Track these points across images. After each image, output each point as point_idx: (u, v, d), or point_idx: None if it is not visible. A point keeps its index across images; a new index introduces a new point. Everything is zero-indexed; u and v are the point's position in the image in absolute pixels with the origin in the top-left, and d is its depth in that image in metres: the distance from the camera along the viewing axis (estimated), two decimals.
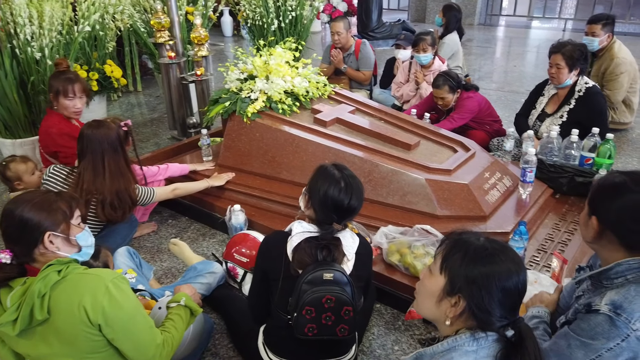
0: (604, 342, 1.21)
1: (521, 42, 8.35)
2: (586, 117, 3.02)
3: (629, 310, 1.20)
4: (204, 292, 2.16)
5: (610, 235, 1.29)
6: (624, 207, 1.24)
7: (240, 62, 3.15)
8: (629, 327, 1.19)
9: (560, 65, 3.07)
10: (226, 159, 3.03)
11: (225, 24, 9.26)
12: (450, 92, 3.48)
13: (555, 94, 3.28)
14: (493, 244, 1.13)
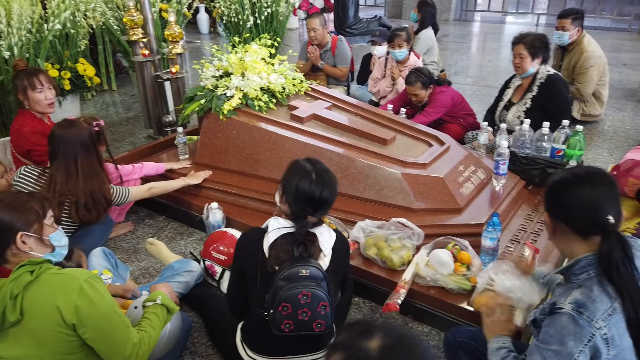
0: (573, 345, 1.21)
1: (496, 37, 8.47)
2: (548, 102, 3.13)
3: (592, 309, 1.22)
4: (182, 290, 2.15)
5: (563, 226, 1.35)
6: (570, 198, 1.32)
7: (215, 59, 3.14)
8: (592, 326, 1.21)
9: (523, 54, 3.17)
10: (203, 157, 3.01)
11: (201, 21, 9.16)
12: (423, 89, 3.53)
13: (520, 85, 3.37)
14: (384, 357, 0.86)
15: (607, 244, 1.27)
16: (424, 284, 2.10)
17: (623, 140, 3.88)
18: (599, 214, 1.28)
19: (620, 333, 1.23)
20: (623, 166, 2.89)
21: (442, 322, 2.05)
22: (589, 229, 1.31)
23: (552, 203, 1.38)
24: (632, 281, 1.25)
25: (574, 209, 1.31)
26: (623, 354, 1.24)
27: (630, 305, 1.23)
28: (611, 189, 1.32)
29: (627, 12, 8.86)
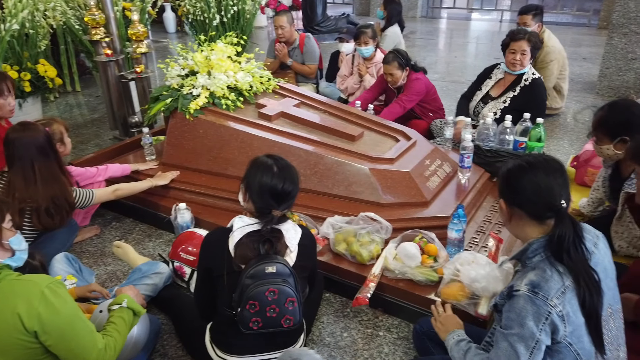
0: (532, 325, 1.27)
1: (462, 33, 8.63)
2: (528, 105, 3.11)
3: (546, 289, 1.28)
4: (150, 293, 2.12)
5: (519, 211, 1.41)
6: (525, 184, 1.38)
7: (180, 58, 3.10)
8: (548, 304, 1.26)
9: (526, 51, 3.15)
10: (170, 157, 2.97)
11: (168, 19, 9.03)
12: (400, 69, 3.53)
13: (502, 78, 3.36)
14: None
15: (561, 227, 1.33)
16: (392, 277, 2.13)
17: (583, 131, 4.02)
18: (553, 199, 1.34)
19: (574, 310, 1.29)
20: (582, 157, 3.00)
21: (411, 314, 2.08)
22: (543, 213, 1.37)
23: (508, 189, 1.44)
24: (584, 262, 1.32)
25: (529, 194, 1.37)
26: (578, 330, 1.30)
27: (584, 285, 1.29)
28: (561, 175, 1.38)
29: (586, 7, 9.15)
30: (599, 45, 5.03)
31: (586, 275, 1.30)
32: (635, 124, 2.08)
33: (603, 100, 4.69)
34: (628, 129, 2.08)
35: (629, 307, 1.63)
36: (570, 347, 1.30)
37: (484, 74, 3.51)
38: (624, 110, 2.14)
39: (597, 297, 1.31)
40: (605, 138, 2.17)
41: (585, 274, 1.30)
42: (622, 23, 4.53)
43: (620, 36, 4.57)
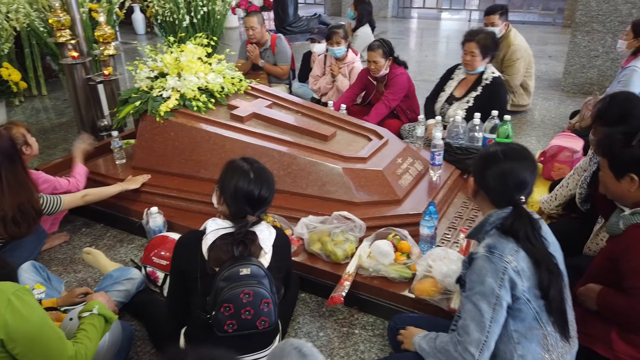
0: (492, 281, 1.37)
1: (432, 33, 8.75)
2: (490, 104, 3.19)
3: (501, 248, 1.41)
4: (122, 299, 2.09)
5: (483, 193, 1.54)
6: (492, 172, 1.49)
7: (150, 60, 3.05)
8: (503, 261, 1.38)
9: (474, 53, 3.23)
10: (140, 161, 2.93)
11: (137, 21, 8.88)
12: (383, 57, 3.57)
13: (464, 79, 3.44)
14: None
15: (517, 222, 1.44)
16: (367, 275, 2.15)
17: (550, 127, 4.13)
18: (510, 192, 1.47)
19: (527, 264, 1.40)
20: (549, 152, 3.08)
21: (386, 311, 2.10)
22: (502, 203, 1.49)
23: (478, 172, 1.55)
24: (544, 249, 1.43)
25: (495, 183, 1.49)
26: (535, 286, 1.40)
27: (545, 269, 1.40)
28: (531, 169, 1.49)
29: (551, 6, 9.38)
30: (564, 43, 5.18)
31: (547, 260, 1.41)
32: (634, 116, 2.11)
33: (568, 97, 4.84)
34: (626, 121, 2.12)
35: (592, 298, 1.69)
36: (529, 303, 1.40)
37: (446, 75, 3.59)
38: (624, 102, 2.18)
39: (559, 280, 1.42)
40: (603, 130, 2.21)
41: (546, 259, 1.41)
42: (584, 22, 4.68)
43: (583, 34, 4.72)
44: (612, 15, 4.53)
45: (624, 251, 1.59)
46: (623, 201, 1.72)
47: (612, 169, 1.68)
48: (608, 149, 1.71)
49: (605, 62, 4.69)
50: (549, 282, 1.39)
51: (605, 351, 1.64)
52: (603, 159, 1.73)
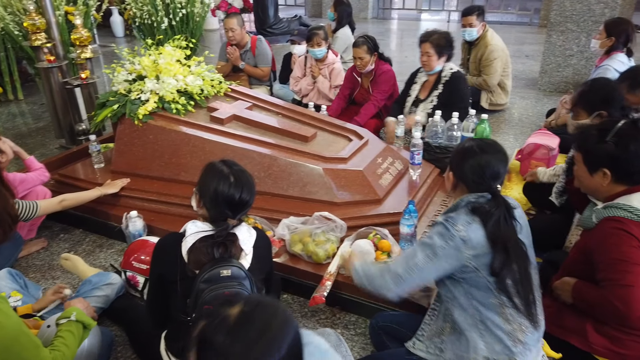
0: (438, 239, 1.52)
1: (412, 33, 8.82)
2: (451, 99, 3.29)
3: (456, 219, 1.53)
4: (102, 304, 2.06)
5: (462, 185, 1.61)
6: (469, 165, 1.57)
7: (127, 63, 3.03)
8: (454, 228, 1.50)
9: (430, 53, 3.31)
10: (119, 165, 2.90)
11: (115, 23, 8.79)
12: (368, 53, 3.63)
13: (426, 81, 3.52)
14: (241, 323, 0.92)
15: (493, 207, 1.51)
16: (348, 274, 2.16)
17: (527, 126, 4.20)
18: (491, 182, 1.55)
19: (477, 237, 1.48)
20: (526, 150, 3.14)
21: (367, 310, 2.11)
22: (479, 191, 1.57)
23: (456, 165, 1.63)
24: (513, 234, 1.51)
25: (473, 175, 1.56)
26: (484, 257, 1.49)
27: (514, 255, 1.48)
28: (503, 159, 1.58)
29: (528, 7, 9.55)
30: (540, 43, 5.28)
31: (515, 246, 1.50)
32: (614, 99, 2.20)
33: (545, 96, 4.93)
34: (607, 104, 2.19)
35: (567, 291, 1.72)
36: (478, 272, 1.49)
37: (410, 79, 3.65)
38: (605, 85, 2.27)
39: (523, 261, 1.51)
40: (583, 112, 2.25)
41: (514, 245, 1.49)
42: (559, 21, 4.77)
43: (558, 34, 4.81)
44: (586, 15, 4.63)
45: (596, 244, 1.63)
46: (596, 195, 1.76)
47: (586, 164, 1.72)
48: (583, 144, 1.75)
49: (580, 61, 4.79)
50: (502, 262, 1.47)
51: (580, 343, 1.68)
52: (578, 154, 1.77)
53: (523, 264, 1.51)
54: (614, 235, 1.58)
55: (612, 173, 1.65)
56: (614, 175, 1.65)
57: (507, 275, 1.48)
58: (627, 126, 1.66)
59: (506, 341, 1.48)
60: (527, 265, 1.52)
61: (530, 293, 1.51)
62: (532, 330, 1.51)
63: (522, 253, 1.52)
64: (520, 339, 1.48)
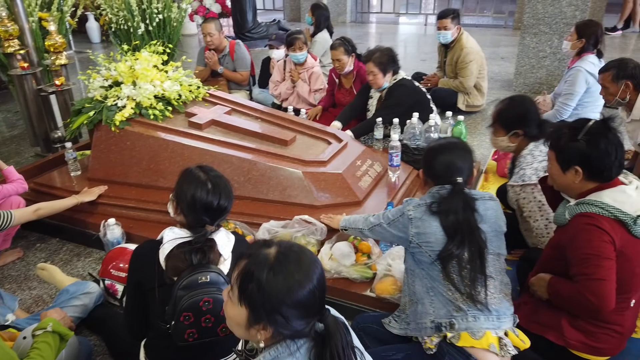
0: (395, 212, 1.80)
1: (390, 37, 8.90)
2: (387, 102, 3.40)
3: (410, 201, 1.76)
4: (79, 314, 2.03)
5: (430, 181, 1.76)
6: (435, 162, 1.73)
7: (103, 69, 2.99)
8: (405, 208, 1.73)
9: (374, 72, 3.37)
10: (96, 172, 2.86)
11: (92, 29, 8.68)
12: (346, 54, 3.68)
13: (380, 96, 3.58)
14: (279, 260, 1.10)
15: (451, 198, 1.65)
16: (329, 277, 2.17)
17: None
18: (452, 176, 1.68)
19: (423, 218, 1.66)
20: None
21: (348, 312, 2.11)
22: (442, 183, 1.71)
23: (424, 163, 1.79)
24: (470, 224, 1.62)
25: (437, 171, 1.72)
26: (426, 236, 1.65)
27: (468, 242, 1.60)
28: (464, 155, 1.73)
29: (503, 9, 9.71)
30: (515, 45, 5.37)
31: (470, 233, 1.61)
32: (530, 118, 2.25)
33: None
34: (523, 123, 2.24)
35: (542, 287, 1.76)
36: (420, 248, 1.66)
37: (364, 91, 3.68)
38: (521, 104, 2.31)
39: (481, 250, 1.61)
40: (501, 130, 2.31)
41: (469, 233, 1.61)
42: (532, 24, 4.87)
43: (531, 36, 4.91)
44: (558, 17, 4.74)
45: (569, 240, 1.67)
46: (568, 192, 1.80)
47: (558, 162, 1.76)
48: (555, 142, 1.79)
49: (553, 62, 4.90)
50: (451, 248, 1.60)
51: (556, 338, 1.72)
52: (551, 152, 1.81)
53: (477, 250, 1.61)
54: (586, 230, 1.62)
55: (583, 170, 1.69)
56: (585, 172, 1.69)
57: (452, 259, 1.61)
58: (598, 125, 1.70)
59: (449, 306, 1.62)
60: (481, 251, 1.62)
61: (478, 277, 1.61)
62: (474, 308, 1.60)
63: (476, 240, 1.62)
64: (462, 307, 1.60)
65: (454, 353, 1.59)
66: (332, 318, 1.15)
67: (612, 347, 1.74)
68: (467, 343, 1.57)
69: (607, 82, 2.76)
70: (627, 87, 2.71)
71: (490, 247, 1.66)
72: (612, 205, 1.61)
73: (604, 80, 2.77)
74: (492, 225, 1.70)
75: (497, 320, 1.62)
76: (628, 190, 1.65)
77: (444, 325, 1.61)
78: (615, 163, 1.65)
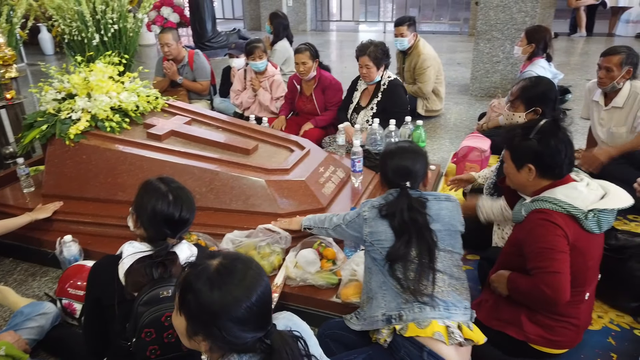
0: (352, 214, 1.90)
1: (351, 44, 9.00)
2: (391, 105, 3.45)
3: (367, 203, 1.82)
4: (35, 336, 1.95)
5: (385, 186, 1.85)
6: (386, 166, 1.81)
7: (56, 81, 2.90)
8: (362, 209, 1.82)
9: (369, 65, 3.42)
10: (51, 188, 2.76)
11: (44, 41, 8.42)
12: (311, 59, 3.69)
13: (366, 89, 3.64)
14: (220, 273, 1.09)
15: (397, 201, 1.74)
16: (294, 284, 2.17)
17: (461, 130, 4.39)
18: (397, 179, 1.78)
19: (375, 219, 1.75)
20: (460, 153, 3.28)
21: (315, 319, 2.11)
22: (392, 187, 1.80)
23: (380, 169, 1.88)
24: (417, 224, 1.69)
25: (389, 174, 1.81)
26: (377, 234, 1.74)
27: (415, 240, 1.67)
28: (414, 158, 1.79)
29: (458, 17, 10.02)
30: (470, 51, 5.54)
31: (418, 233, 1.69)
32: (550, 98, 2.35)
33: (476, 101, 5.17)
34: (543, 101, 2.33)
35: (502, 283, 1.81)
36: (373, 246, 1.74)
37: (351, 87, 3.76)
38: (546, 84, 2.41)
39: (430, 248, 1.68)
40: (521, 106, 2.38)
41: (417, 233, 1.68)
42: (485, 30, 5.04)
43: (485, 42, 5.08)
44: (509, 23, 4.93)
45: (525, 236, 1.73)
46: (524, 190, 1.87)
47: (513, 161, 1.83)
48: (509, 142, 1.85)
49: (506, 66, 5.08)
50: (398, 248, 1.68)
51: (516, 333, 1.77)
52: (506, 152, 1.87)
53: (426, 247, 1.68)
54: (541, 226, 1.68)
55: (536, 168, 1.75)
56: (538, 170, 1.76)
57: (398, 260, 1.68)
58: (548, 124, 1.77)
59: (398, 299, 1.67)
60: (430, 248, 1.69)
61: (426, 271, 1.67)
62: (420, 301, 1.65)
63: (425, 238, 1.69)
64: (408, 300, 1.66)
65: (409, 345, 1.62)
66: (278, 334, 1.14)
67: (569, 340, 1.80)
68: (414, 333, 1.61)
69: (614, 65, 2.78)
70: (628, 74, 2.80)
71: (442, 245, 1.72)
72: (565, 201, 1.68)
73: (613, 62, 2.79)
74: (445, 224, 1.76)
75: (445, 310, 1.65)
76: (579, 187, 1.72)
77: (393, 318, 1.66)
78: (566, 160, 1.72)
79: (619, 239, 2.17)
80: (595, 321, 2.08)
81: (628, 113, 2.88)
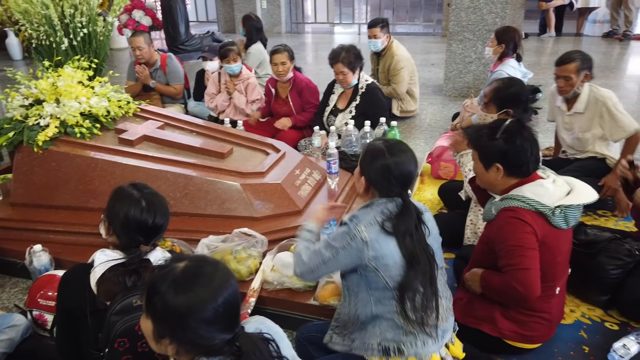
0: (339, 240, 1.54)
1: (326, 46, 9.01)
2: (370, 108, 3.47)
3: (360, 218, 1.54)
4: (5, 349, 1.89)
5: (373, 189, 1.61)
6: (380, 167, 1.56)
7: (23, 87, 2.83)
8: (357, 228, 1.52)
9: (344, 71, 3.45)
10: (19, 196, 2.69)
11: (12, 46, 8.22)
12: (289, 59, 3.70)
13: (343, 92, 3.67)
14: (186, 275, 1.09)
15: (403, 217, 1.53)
16: (272, 288, 2.16)
17: (436, 130, 4.44)
18: (398, 186, 1.56)
19: (379, 240, 1.51)
20: (435, 152, 3.32)
21: (293, 322, 2.11)
22: (390, 195, 1.58)
23: (366, 168, 1.61)
24: (422, 242, 1.54)
25: (380, 177, 1.57)
26: (383, 258, 1.51)
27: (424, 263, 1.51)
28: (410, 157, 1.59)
29: (432, 18, 10.15)
30: (443, 51, 5.62)
31: (422, 254, 1.52)
32: (521, 100, 2.41)
33: (450, 101, 5.24)
34: (515, 103, 2.39)
35: (476, 281, 1.84)
36: (377, 272, 1.52)
37: (328, 89, 3.79)
38: (518, 86, 2.46)
39: (432, 270, 1.54)
40: (493, 107, 2.43)
41: (422, 254, 1.52)
42: (457, 31, 5.12)
43: (457, 43, 5.15)
44: (480, 24, 5.01)
45: (496, 234, 1.76)
46: (493, 189, 1.90)
47: (481, 160, 1.86)
48: (477, 142, 1.88)
49: (478, 67, 5.16)
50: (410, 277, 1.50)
51: (491, 330, 1.80)
52: (474, 152, 1.90)
53: (428, 271, 1.53)
54: (510, 223, 1.71)
55: (503, 167, 1.79)
56: (505, 169, 1.79)
57: (411, 290, 1.50)
58: (514, 124, 1.81)
59: (397, 330, 1.54)
60: (432, 273, 1.54)
61: (431, 300, 1.53)
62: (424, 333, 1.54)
63: (428, 260, 1.54)
64: (411, 332, 1.53)
65: None
66: (247, 337, 1.14)
67: (542, 334, 1.84)
68: None
69: (572, 73, 2.77)
70: (586, 78, 2.83)
71: (438, 263, 1.60)
72: (532, 199, 1.71)
73: (569, 71, 2.77)
74: (435, 237, 1.65)
75: (441, 339, 1.59)
76: (546, 184, 1.76)
77: (392, 350, 1.53)
78: (532, 158, 1.76)
79: (588, 234, 2.22)
80: (568, 315, 2.13)
81: (591, 119, 2.88)
